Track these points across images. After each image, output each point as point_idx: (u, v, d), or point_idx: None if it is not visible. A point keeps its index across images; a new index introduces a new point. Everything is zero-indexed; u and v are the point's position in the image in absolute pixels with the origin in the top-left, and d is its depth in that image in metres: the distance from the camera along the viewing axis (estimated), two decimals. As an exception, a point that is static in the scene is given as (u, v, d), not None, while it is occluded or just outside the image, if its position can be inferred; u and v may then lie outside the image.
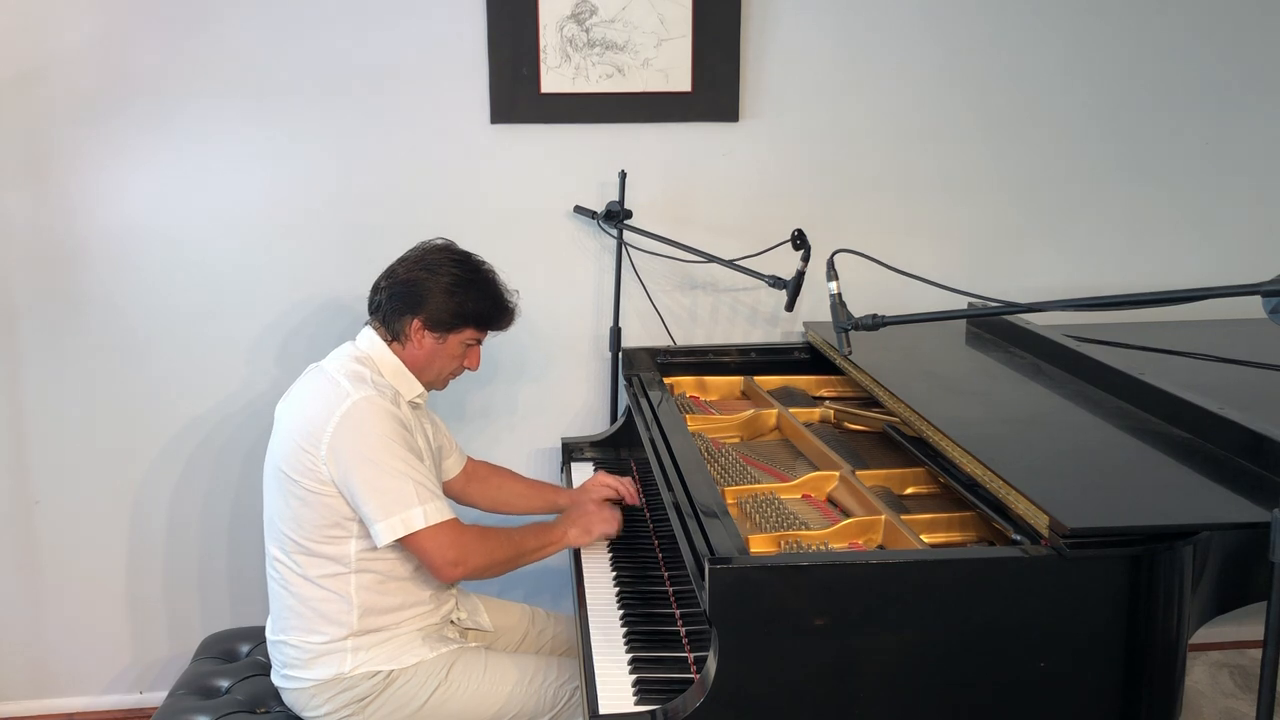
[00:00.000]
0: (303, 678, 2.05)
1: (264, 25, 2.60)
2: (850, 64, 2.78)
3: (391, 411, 2.00)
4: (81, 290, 2.67)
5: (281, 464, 2.02)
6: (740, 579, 1.55)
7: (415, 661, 2.05)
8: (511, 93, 2.68)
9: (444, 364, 2.16)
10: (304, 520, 2.00)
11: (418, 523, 1.95)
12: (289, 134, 2.66)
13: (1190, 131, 2.92)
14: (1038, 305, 1.70)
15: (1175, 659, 1.58)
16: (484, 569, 2.05)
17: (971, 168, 2.87)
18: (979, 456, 1.80)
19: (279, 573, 2.07)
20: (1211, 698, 2.91)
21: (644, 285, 2.80)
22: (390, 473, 1.95)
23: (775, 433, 2.46)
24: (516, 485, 2.48)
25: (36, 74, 2.55)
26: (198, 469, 2.81)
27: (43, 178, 2.60)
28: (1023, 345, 2.51)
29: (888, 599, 1.56)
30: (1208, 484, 1.74)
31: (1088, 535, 1.54)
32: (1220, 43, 2.87)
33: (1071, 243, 2.94)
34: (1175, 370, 2.24)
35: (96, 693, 2.90)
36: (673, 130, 2.76)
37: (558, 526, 2.19)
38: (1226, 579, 1.66)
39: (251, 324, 2.74)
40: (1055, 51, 2.83)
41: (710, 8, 2.68)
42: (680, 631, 1.90)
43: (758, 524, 1.94)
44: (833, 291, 1.83)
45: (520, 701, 2.08)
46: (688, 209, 2.80)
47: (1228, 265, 2.95)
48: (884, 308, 1.87)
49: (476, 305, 2.12)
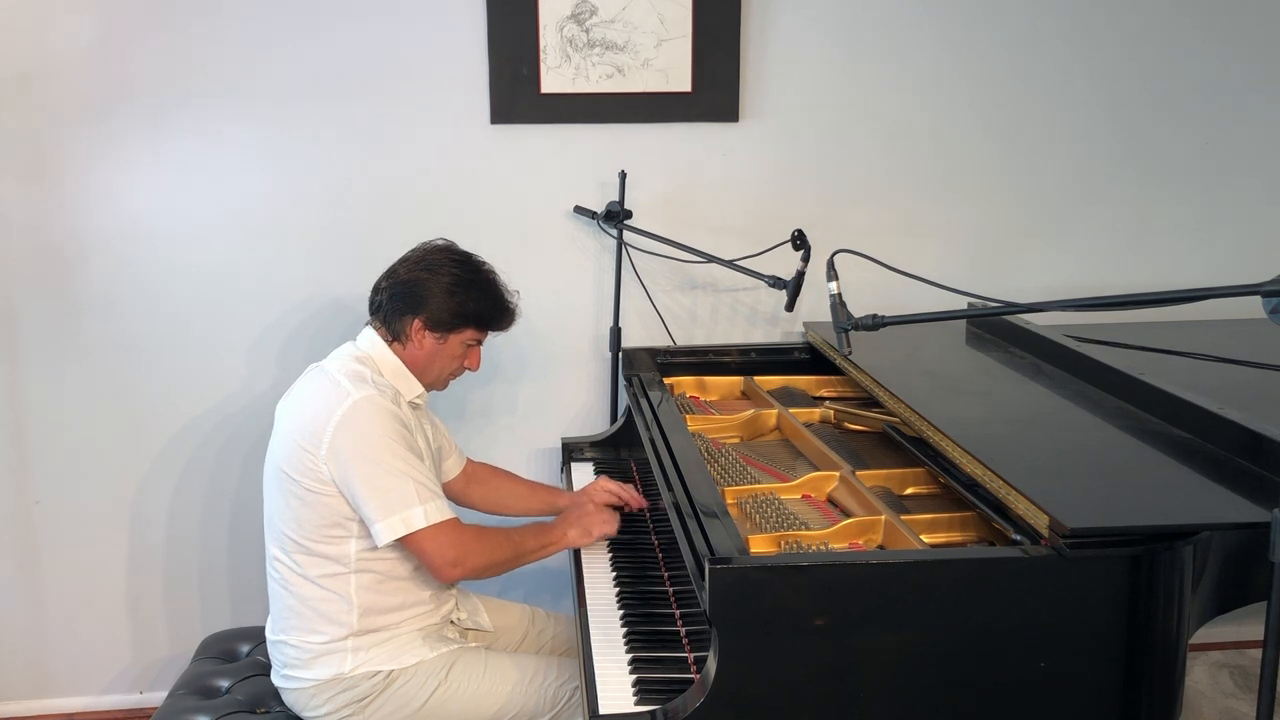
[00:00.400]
0: (303, 678, 2.05)
1: (264, 26, 2.59)
2: (850, 64, 2.78)
3: (392, 411, 2.00)
4: (81, 290, 2.67)
5: (282, 463, 2.02)
6: (740, 579, 1.54)
7: (415, 661, 2.05)
8: (511, 93, 2.68)
9: (444, 364, 2.16)
10: (304, 520, 2.00)
11: (418, 522, 1.95)
12: (289, 134, 2.66)
13: (1190, 131, 2.92)
14: (1038, 305, 1.70)
15: (1175, 659, 1.58)
16: (483, 569, 2.05)
17: (971, 168, 2.87)
18: (979, 456, 1.80)
19: (279, 573, 2.07)
20: (1211, 698, 2.91)
21: (644, 285, 2.80)
22: (391, 472, 1.95)
23: (775, 433, 2.46)
24: (516, 487, 2.47)
25: (36, 74, 2.55)
26: (198, 469, 2.81)
27: (42, 178, 2.61)
28: (1023, 345, 2.51)
29: (888, 599, 1.56)
30: (1208, 484, 1.74)
31: (1088, 535, 1.54)
32: (1221, 43, 2.87)
33: (1072, 243, 2.94)
34: (1175, 370, 2.24)
35: (96, 693, 2.91)
36: (673, 130, 2.76)
37: (557, 527, 2.19)
38: (1226, 579, 1.66)
39: (252, 324, 2.74)
40: (1055, 51, 2.83)
41: (710, 8, 2.68)
42: (680, 631, 1.90)
43: (758, 524, 1.94)
44: (833, 292, 1.83)
45: (520, 701, 2.08)
46: (688, 209, 2.80)
47: (1228, 265, 2.95)
48: (884, 308, 1.87)
49: (477, 305, 2.12)
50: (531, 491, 2.47)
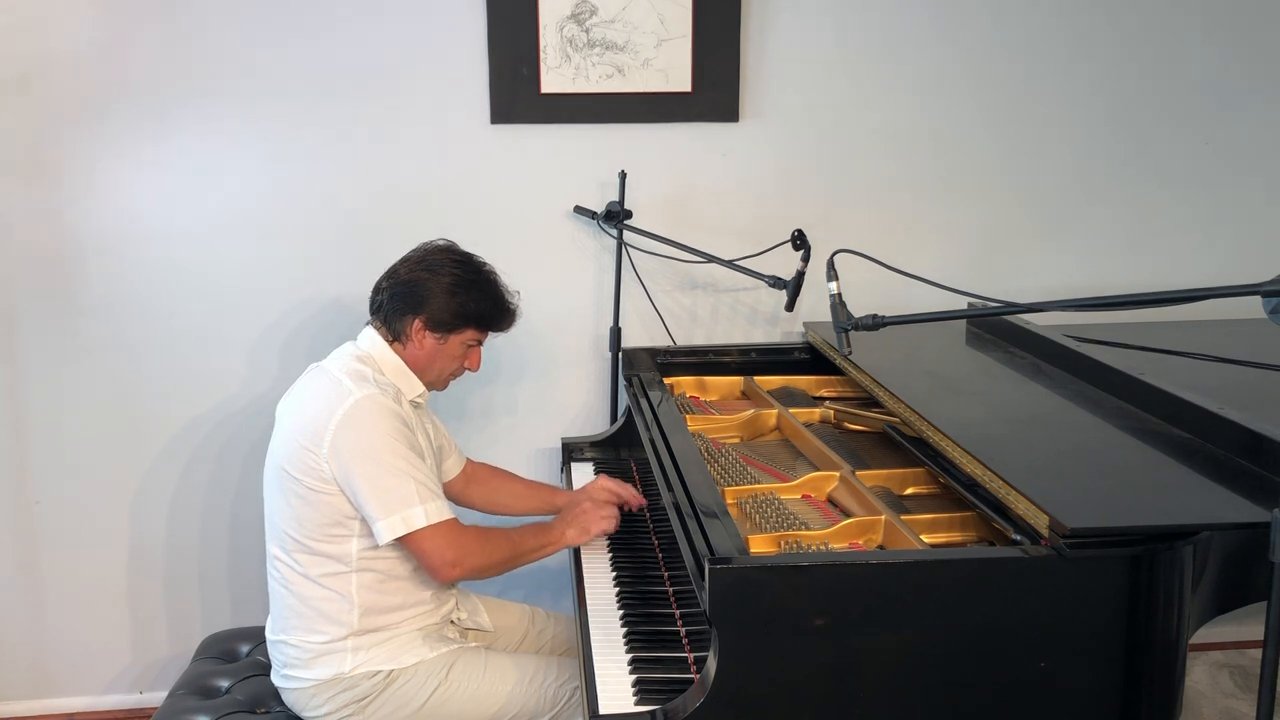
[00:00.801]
0: (303, 678, 2.05)
1: (264, 26, 2.59)
2: (850, 64, 2.78)
3: (394, 410, 2.00)
4: (81, 290, 2.67)
5: (283, 462, 2.02)
6: (740, 579, 1.54)
7: (415, 661, 2.05)
8: (511, 93, 2.68)
9: (445, 364, 2.16)
10: (305, 519, 2.00)
11: (418, 521, 1.96)
12: (289, 134, 2.66)
13: (1191, 131, 2.91)
14: (1038, 305, 1.70)
15: (1175, 659, 1.58)
16: (482, 569, 2.05)
17: (972, 168, 2.87)
18: (979, 456, 1.80)
19: (279, 572, 2.07)
20: (1211, 698, 2.91)
21: (644, 285, 2.80)
22: (392, 471, 1.95)
23: (775, 433, 2.46)
24: (515, 486, 2.48)
25: (36, 74, 2.55)
26: (198, 469, 2.81)
27: (42, 178, 2.60)
28: (1023, 345, 2.50)
29: (888, 599, 1.56)
30: (1208, 484, 1.74)
31: (1088, 535, 1.54)
32: (1222, 43, 2.87)
33: (1072, 243, 2.94)
34: (1175, 370, 2.24)
35: (96, 693, 2.91)
36: (673, 130, 2.76)
37: (555, 527, 2.19)
38: (1226, 579, 1.66)
39: (251, 324, 2.74)
40: (1056, 51, 2.83)
41: (710, 8, 2.68)
42: (680, 631, 1.90)
43: (758, 524, 1.94)
44: (833, 292, 1.83)
45: (520, 701, 2.08)
46: (688, 209, 2.80)
47: (1228, 265, 2.95)
48: (884, 308, 1.87)
49: (478, 306, 2.13)
50: (530, 491, 2.47)
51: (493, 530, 2.10)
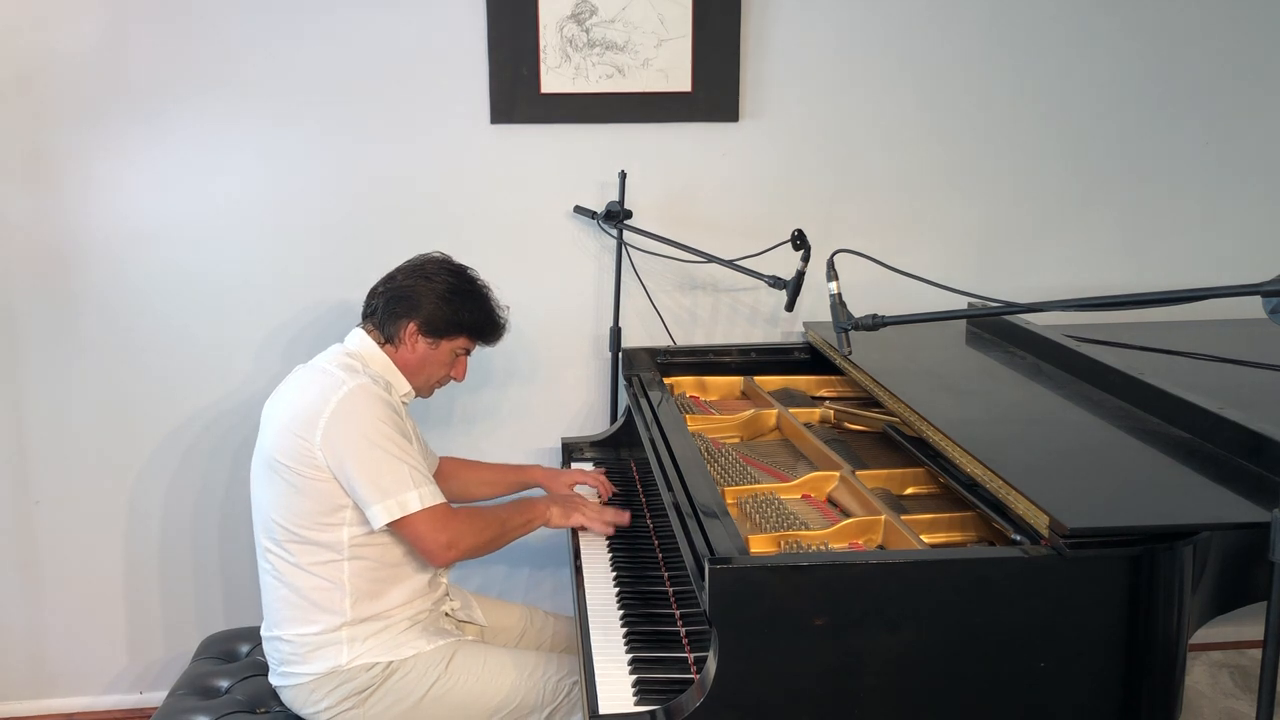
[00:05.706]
0: (300, 673, 2.05)
1: (263, 26, 2.59)
2: (850, 64, 2.78)
3: (385, 398, 2.05)
4: (81, 290, 2.67)
5: (273, 453, 2.04)
6: (740, 579, 1.55)
7: (413, 654, 2.06)
8: (511, 93, 2.68)
9: (433, 370, 2.20)
10: (297, 508, 2.02)
11: (413, 505, 1.99)
12: (289, 134, 2.66)
13: (1191, 131, 2.91)
14: (1038, 305, 1.70)
15: (1175, 659, 1.58)
16: (474, 549, 2.10)
17: (972, 167, 2.87)
18: (979, 456, 1.80)
19: (271, 564, 2.08)
20: (1211, 698, 2.91)
21: (644, 285, 2.80)
22: (386, 456, 1.99)
23: (775, 433, 2.46)
24: (484, 473, 2.52)
25: (36, 74, 2.55)
26: (197, 469, 2.80)
27: (42, 178, 2.60)
28: (1023, 345, 2.50)
29: (888, 599, 1.56)
30: (1208, 484, 1.74)
31: (1088, 535, 1.54)
32: (1222, 42, 2.87)
33: (1072, 243, 2.94)
34: (1175, 370, 2.24)
35: (96, 693, 2.91)
36: (673, 130, 2.76)
37: (540, 503, 2.23)
38: (1226, 579, 1.66)
39: (251, 323, 2.74)
40: (1056, 51, 2.83)
41: (710, 8, 2.68)
42: (680, 631, 1.90)
43: (758, 524, 1.94)
44: (833, 291, 1.83)
45: (520, 695, 2.08)
46: (688, 209, 2.80)
47: (1228, 265, 2.95)
48: (884, 308, 1.87)
49: (470, 315, 2.18)
50: (499, 475, 2.52)
51: (480, 510, 2.16)
